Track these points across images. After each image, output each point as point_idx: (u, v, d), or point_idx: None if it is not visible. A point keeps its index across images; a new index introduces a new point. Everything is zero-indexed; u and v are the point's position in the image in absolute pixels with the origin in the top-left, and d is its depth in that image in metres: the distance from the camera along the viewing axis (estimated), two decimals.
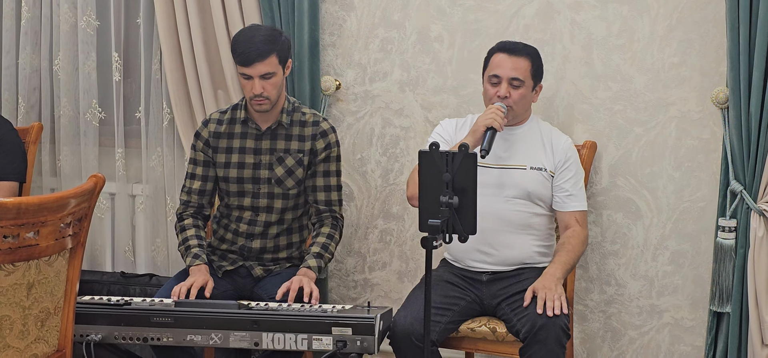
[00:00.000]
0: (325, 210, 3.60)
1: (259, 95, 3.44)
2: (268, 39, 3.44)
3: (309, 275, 3.43)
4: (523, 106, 3.41)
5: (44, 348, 2.91)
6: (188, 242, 3.57)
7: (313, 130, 3.57)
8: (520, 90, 3.37)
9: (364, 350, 3.08)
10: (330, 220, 3.60)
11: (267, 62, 3.42)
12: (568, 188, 3.43)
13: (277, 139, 3.56)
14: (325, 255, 3.52)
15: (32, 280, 2.80)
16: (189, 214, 3.64)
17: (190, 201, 3.64)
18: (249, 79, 3.44)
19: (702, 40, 3.60)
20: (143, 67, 4.26)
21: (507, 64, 3.37)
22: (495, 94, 3.37)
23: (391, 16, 3.96)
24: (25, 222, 2.70)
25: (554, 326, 3.11)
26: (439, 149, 2.71)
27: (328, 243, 3.55)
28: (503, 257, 3.42)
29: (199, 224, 3.64)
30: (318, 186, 3.58)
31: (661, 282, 3.76)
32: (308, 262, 3.47)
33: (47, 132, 4.43)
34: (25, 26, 4.38)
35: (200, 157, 3.63)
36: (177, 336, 3.16)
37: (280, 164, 3.55)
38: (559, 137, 3.50)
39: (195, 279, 3.42)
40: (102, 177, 2.96)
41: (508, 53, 3.39)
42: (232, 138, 3.60)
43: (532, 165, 3.42)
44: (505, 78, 3.37)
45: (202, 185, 3.63)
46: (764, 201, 3.45)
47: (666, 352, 3.78)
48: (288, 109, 3.57)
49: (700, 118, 3.64)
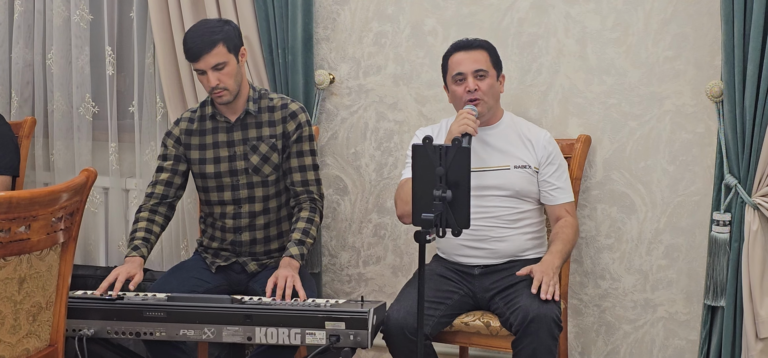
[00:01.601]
0: (303, 191, 3.55)
1: (216, 87, 3.43)
2: (212, 30, 3.42)
3: (292, 264, 3.39)
4: (492, 96, 3.42)
5: (36, 343, 2.91)
6: (134, 234, 3.54)
7: (282, 113, 3.55)
8: (486, 80, 3.39)
9: (357, 344, 3.07)
10: (308, 202, 3.55)
11: (214, 53, 3.39)
12: (554, 181, 3.44)
13: (248, 129, 3.55)
14: (307, 240, 3.47)
15: (24, 274, 2.79)
16: (147, 207, 3.59)
17: (154, 192, 3.60)
18: (203, 73, 3.43)
19: (696, 33, 3.60)
20: (137, 61, 4.25)
21: (467, 60, 3.39)
22: (464, 90, 3.38)
23: (385, 9, 3.95)
24: (16, 216, 2.69)
25: (546, 317, 3.11)
26: (432, 143, 2.71)
27: (308, 227, 3.50)
28: (494, 250, 3.42)
29: (154, 218, 3.57)
30: (293, 168, 3.55)
31: (655, 276, 3.75)
32: (290, 250, 3.43)
33: (40, 126, 4.42)
34: (18, 20, 4.37)
35: (171, 152, 3.61)
36: (170, 331, 3.16)
37: (254, 152, 3.54)
38: (538, 133, 3.50)
39: (119, 272, 3.35)
40: (94, 171, 2.95)
41: (465, 49, 3.42)
42: (204, 134, 3.58)
43: (516, 164, 3.43)
44: (469, 72, 3.38)
45: (171, 176, 3.61)
46: (759, 195, 3.45)
47: (660, 346, 3.78)
48: (254, 96, 3.56)
49: (695, 111, 3.63)
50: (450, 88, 3.46)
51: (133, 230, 3.56)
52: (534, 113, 3.79)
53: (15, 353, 2.83)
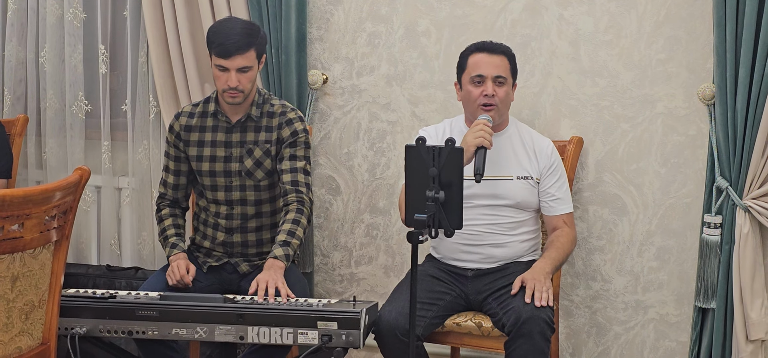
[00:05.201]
0: (291, 191, 3.49)
1: (234, 88, 3.42)
2: (248, 32, 3.42)
3: (277, 265, 3.33)
4: (506, 105, 3.40)
5: (28, 341, 2.90)
6: (166, 231, 3.61)
7: (279, 120, 3.55)
8: (504, 88, 3.36)
9: (349, 344, 3.07)
10: (296, 203, 3.48)
11: (246, 56, 3.40)
12: (554, 192, 3.43)
13: (246, 132, 3.54)
14: (293, 241, 3.41)
15: (16, 272, 2.79)
16: (166, 204, 3.67)
17: (166, 193, 3.67)
18: (225, 71, 3.41)
19: (689, 36, 3.61)
20: (130, 60, 4.25)
21: (489, 63, 3.35)
22: (481, 94, 3.34)
23: (378, 10, 3.96)
24: (9, 214, 2.69)
25: (539, 319, 3.11)
26: (425, 144, 2.71)
27: (294, 229, 3.44)
28: (491, 255, 3.42)
29: (176, 212, 3.67)
30: (283, 169, 3.51)
31: (646, 278, 3.77)
32: (274, 251, 3.37)
33: (33, 124, 4.41)
34: (12, 18, 4.36)
35: (172, 151, 3.63)
36: (162, 330, 3.15)
37: (249, 156, 3.54)
38: (541, 141, 3.49)
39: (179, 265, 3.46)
40: (87, 170, 2.95)
41: (488, 52, 3.37)
42: (204, 131, 3.58)
43: (519, 175, 3.42)
44: (490, 76, 3.34)
45: (176, 179, 3.64)
46: (750, 197, 3.46)
47: (651, 347, 3.80)
48: (258, 101, 3.55)
49: (687, 114, 3.64)
50: (465, 87, 3.40)
51: (163, 228, 3.62)
52: (526, 115, 3.80)
53: (7, 352, 2.82)
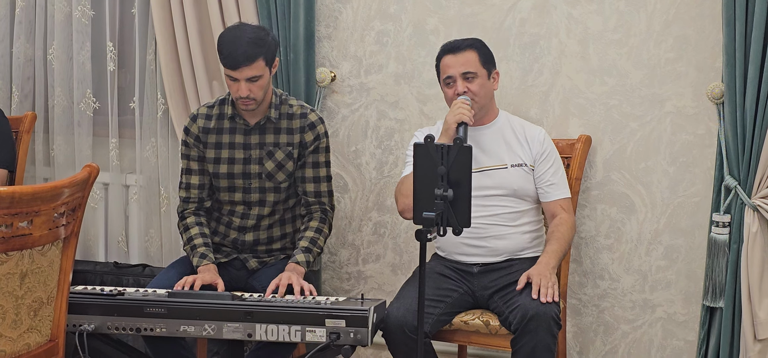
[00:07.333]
0: (315, 202, 3.58)
1: (246, 97, 3.40)
2: (255, 42, 3.36)
3: (297, 270, 3.41)
4: (484, 95, 3.43)
5: (37, 338, 2.91)
6: (193, 241, 3.53)
7: (301, 123, 3.54)
8: (476, 81, 3.40)
9: (357, 342, 3.08)
10: (319, 213, 3.58)
11: (254, 66, 3.35)
12: (549, 177, 3.45)
13: (266, 134, 3.53)
14: (314, 249, 3.50)
15: (25, 269, 2.80)
16: (190, 211, 3.60)
17: (190, 197, 3.61)
18: (235, 81, 3.38)
19: (698, 35, 3.60)
20: (138, 57, 4.25)
21: (455, 63, 3.40)
22: (454, 93, 3.39)
23: (387, 8, 3.96)
24: (18, 211, 2.69)
25: (545, 315, 3.12)
26: (434, 142, 2.71)
27: (316, 237, 3.52)
28: (493, 248, 3.43)
29: (202, 220, 3.59)
30: (307, 177, 3.56)
31: (654, 277, 3.76)
32: (296, 257, 3.45)
33: (41, 122, 4.42)
34: (20, 15, 4.37)
35: (193, 152, 3.59)
36: (170, 327, 3.16)
37: (270, 158, 3.53)
38: (533, 130, 3.51)
39: (203, 276, 3.40)
40: (96, 167, 2.95)
41: (453, 52, 3.42)
42: (221, 134, 3.56)
43: (513, 162, 3.44)
44: (458, 75, 3.39)
45: (201, 178, 3.60)
46: (758, 196, 3.45)
47: (658, 346, 3.79)
48: (275, 103, 3.53)
49: (696, 113, 3.64)
50: (443, 91, 3.48)
51: (189, 237, 3.55)
52: (535, 113, 3.79)
53: (16, 348, 2.83)
